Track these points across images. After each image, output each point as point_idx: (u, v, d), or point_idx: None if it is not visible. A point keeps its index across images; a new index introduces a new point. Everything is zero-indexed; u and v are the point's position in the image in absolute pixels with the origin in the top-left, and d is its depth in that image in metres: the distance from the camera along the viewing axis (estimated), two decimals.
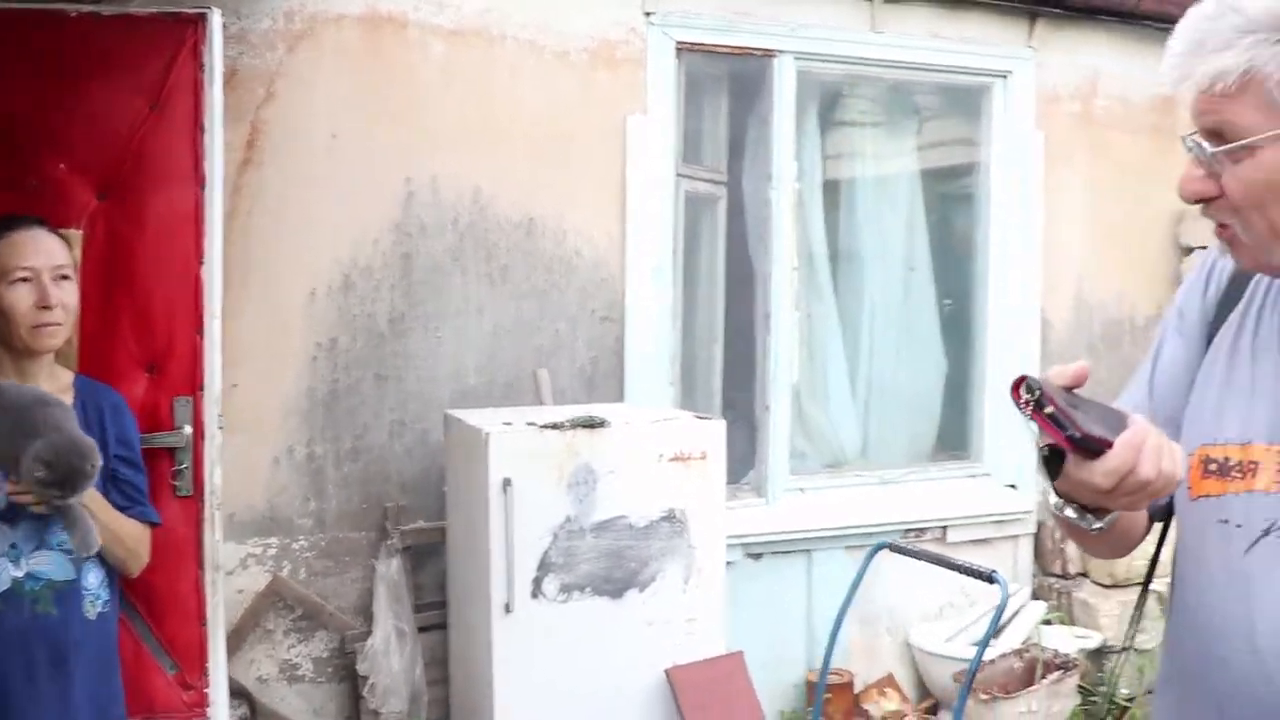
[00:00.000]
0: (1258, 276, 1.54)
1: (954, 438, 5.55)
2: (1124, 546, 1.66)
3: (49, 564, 2.57)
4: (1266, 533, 1.44)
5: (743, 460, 5.03)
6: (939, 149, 5.56)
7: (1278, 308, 1.52)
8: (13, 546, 2.53)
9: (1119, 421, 1.34)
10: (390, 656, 4.16)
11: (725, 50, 4.86)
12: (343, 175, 4.30)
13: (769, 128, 4.95)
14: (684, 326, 4.96)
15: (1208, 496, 1.51)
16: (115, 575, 2.75)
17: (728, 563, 4.18)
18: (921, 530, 5.15)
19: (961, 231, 5.57)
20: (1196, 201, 1.45)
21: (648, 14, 4.67)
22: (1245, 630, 1.44)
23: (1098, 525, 1.41)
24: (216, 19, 3.20)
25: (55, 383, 2.71)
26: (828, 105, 5.30)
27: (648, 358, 4.72)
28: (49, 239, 2.71)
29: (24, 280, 2.62)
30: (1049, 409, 1.29)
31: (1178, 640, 1.59)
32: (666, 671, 3.89)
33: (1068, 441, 1.31)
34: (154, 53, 3.18)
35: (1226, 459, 1.50)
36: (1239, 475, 1.48)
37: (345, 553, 4.35)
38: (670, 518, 3.94)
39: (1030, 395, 1.30)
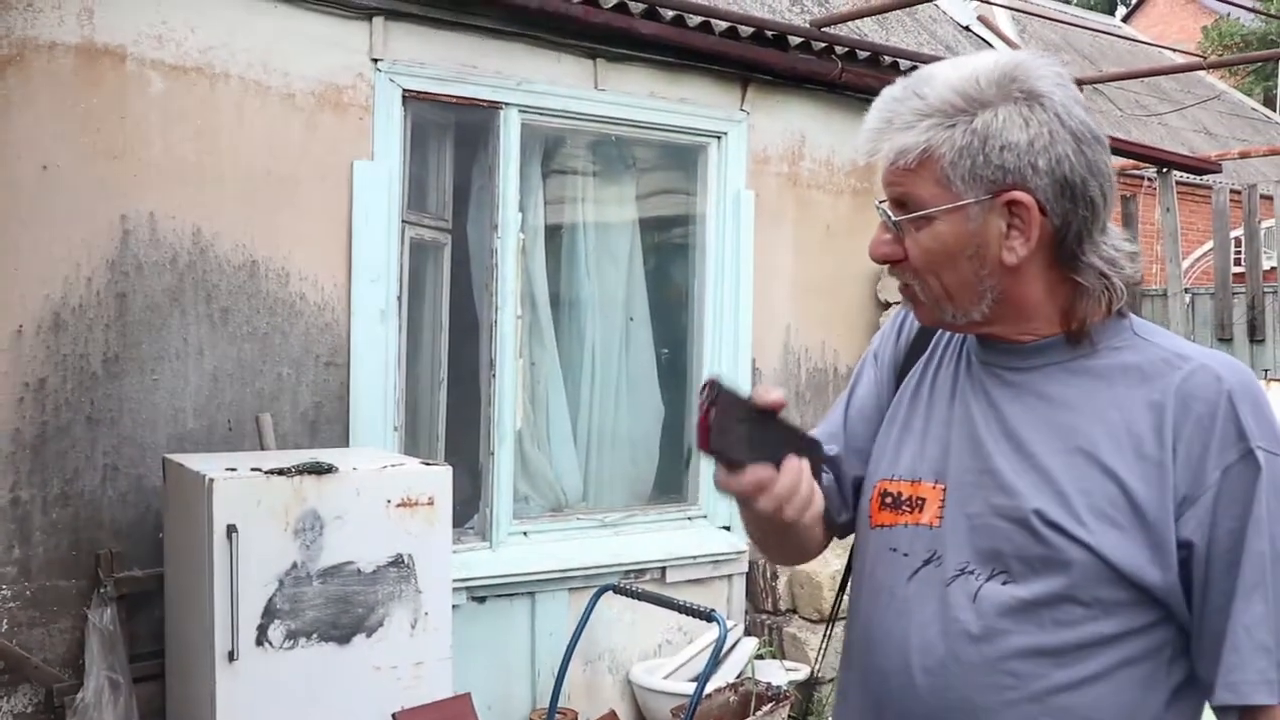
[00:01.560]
0: (940, 331, 1.73)
1: (671, 482, 5.76)
2: (795, 554, 1.85)
3: None
4: (927, 562, 1.61)
5: (467, 504, 5.07)
6: (656, 198, 5.81)
7: (952, 361, 1.70)
8: None
9: (787, 446, 1.50)
10: (104, 709, 3.99)
11: (452, 100, 4.94)
12: (54, 209, 4.14)
13: (494, 177, 5.05)
14: (409, 372, 4.99)
15: (883, 526, 1.68)
16: None
17: (453, 606, 4.21)
18: (642, 571, 5.31)
19: (678, 281, 5.81)
20: (884, 262, 1.62)
21: (375, 60, 4.70)
22: (901, 646, 1.61)
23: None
24: None
25: None
26: (551, 155, 5.45)
27: (373, 403, 4.71)
28: None
29: None
30: (713, 414, 1.42)
31: (849, 651, 1.76)
32: (394, 716, 3.88)
33: (705, 447, 1.44)
34: None
35: (899, 493, 1.66)
36: (909, 509, 1.64)
37: (53, 602, 4.15)
38: (397, 563, 3.95)
39: (709, 396, 1.43)
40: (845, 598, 1.87)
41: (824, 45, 5.73)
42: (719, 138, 5.60)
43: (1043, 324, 1.59)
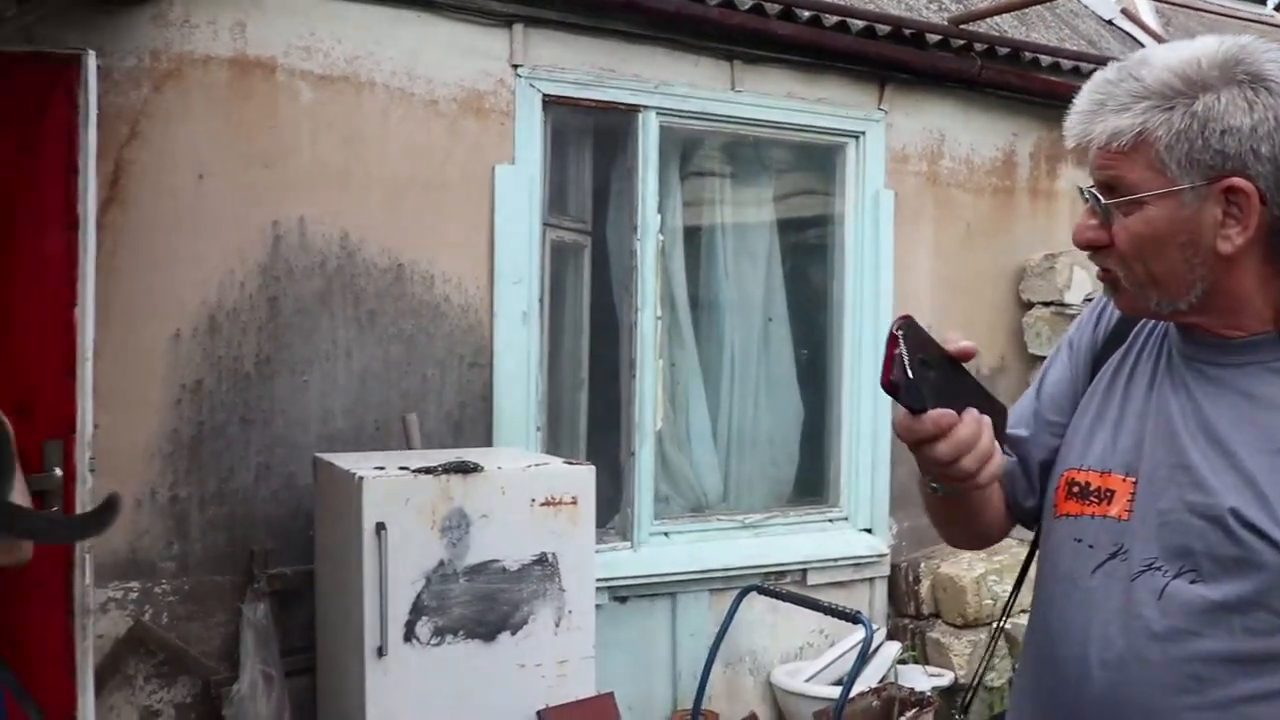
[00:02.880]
0: (1140, 322, 1.68)
1: (812, 484, 5.72)
2: (976, 536, 1.82)
3: None
4: (1113, 555, 1.57)
5: (608, 504, 5.10)
6: (794, 200, 5.77)
7: (1152, 353, 1.65)
8: None
9: (972, 398, 1.46)
10: (257, 701, 4.10)
11: (591, 104, 4.98)
12: (209, 216, 4.27)
13: (633, 180, 5.07)
14: (550, 373, 5.03)
15: (1068, 516, 1.65)
16: None
17: (596, 606, 4.24)
18: (782, 573, 5.28)
19: (817, 282, 5.76)
20: (1088, 248, 1.57)
21: (515, 66, 4.75)
22: (1081, 638, 1.58)
23: (934, 485, 1.56)
24: (91, 61, 3.19)
25: None
26: (689, 157, 5.45)
27: (515, 403, 4.77)
28: None
29: None
30: (900, 351, 1.39)
31: (1029, 639, 1.73)
32: (538, 713, 3.92)
33: (886, 383, 1.41)
34: (26, 94, 3.14)
35: (1088, 484, 1.63)
36: (1096, 500, 1.61)
37: (210, 596, 4.28)
38: (542, 561, 3.99)
39: (900, 332, 1.40)
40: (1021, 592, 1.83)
41: (963, 43, 5.63)
42: (857, 137, 5.55)
43: (1252, 319, 1.53)
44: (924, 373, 1.41)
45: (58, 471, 3.14)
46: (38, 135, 3.14)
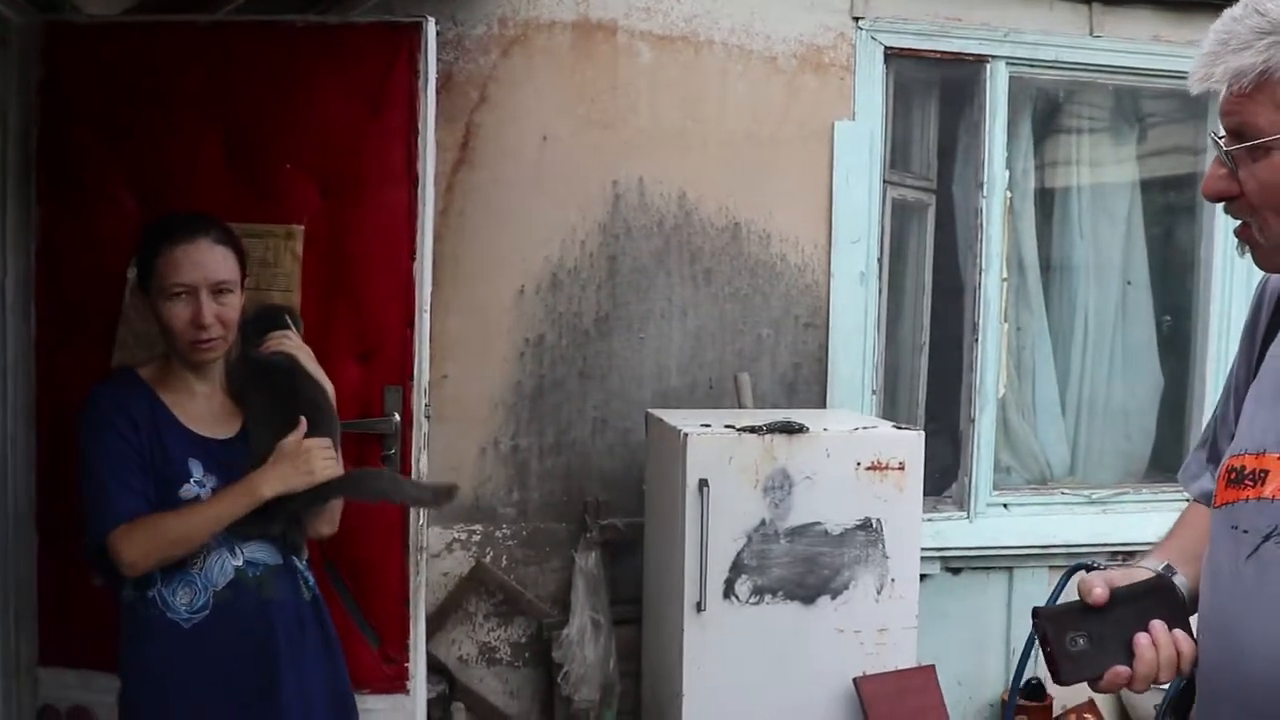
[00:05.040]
0: None
1: (1169, 459, 5.33)
2: None
3: (261, 550, 2.65)
4: (1267, 538, 1.45)
5: (945, 473, 4.96)
6: (1159, 158, 5.37)
7: None
8: (228, 537, 2.60)
9: (1137, 620, 1.52)
10: (585, 646, 4.25)
11: (935, 56, 4.80)
12: (552, 176, 4.41)
13: (980, 135, 4.87)
14: (888, 335, 4.92)
15: (1227, 504, 1.53)
16: (310, 558, 2.85)
17: (925, 576, 4.13)
18: (1130, 553, 4.96)
19: (1182, 245, 5.36)
20: (1218, 199, 1.47)
21: (856, 19, 4.65)
22: (1234, 630, 1.48)
23: None
24: (431, 28, 3.32)
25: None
26: (1041, 111, 5.17)
27: (851, 365, 4.69)
28: (211, 251, 2.60)
29: (180, 295, 2.56)
30: (1050, 649, 1.52)
31: (1199, 634, 1.61)
32: (855, 680, 3.86)
33: (1060, 681, 1.55)
34: (373, 60, 3.31)
35: (1243, 468, 1.52)
36: (1251, 483, 1.50)
37: (545, 543, 4.46)
38: (865, 526, 3.92)
39: (1041, 633, 1.53)
40: None
41: None
42: None
43: None
44: (1080, 649, 1.51)
45: (396, 416, 3.32)
46: (383, 99, 3.31)
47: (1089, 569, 3.80)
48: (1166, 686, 1.62)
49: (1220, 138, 1.45)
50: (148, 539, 2.49)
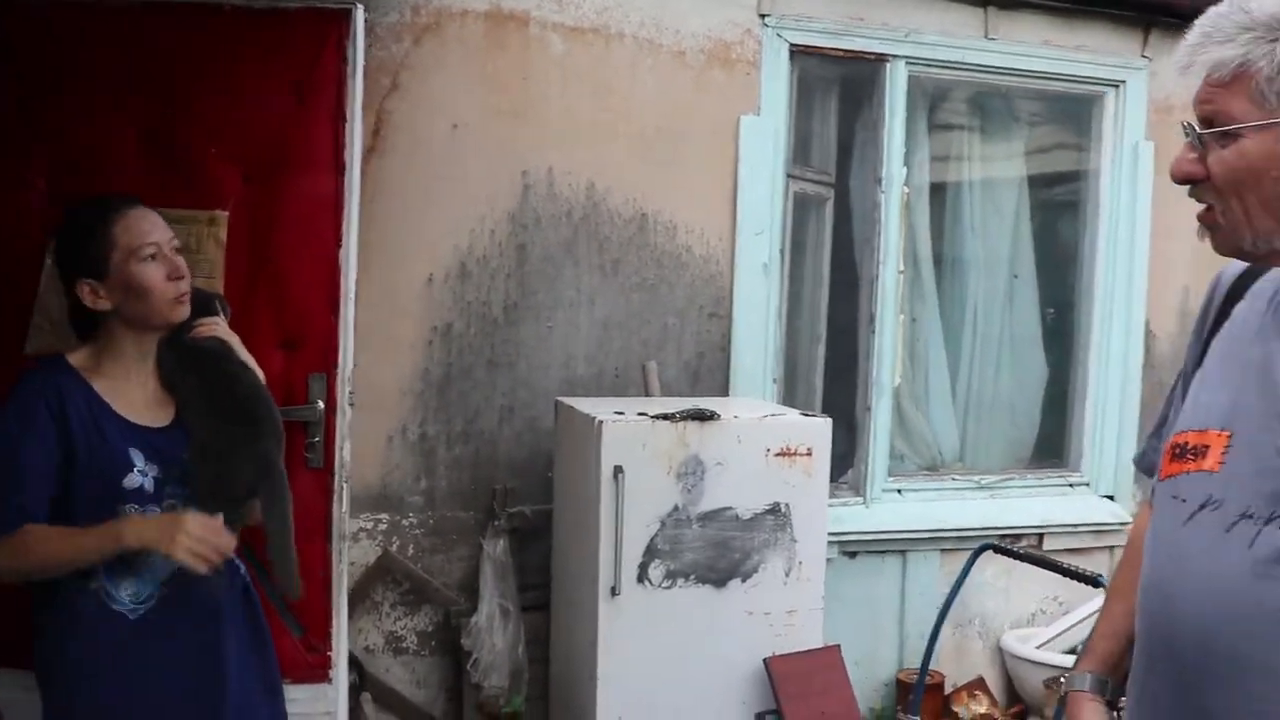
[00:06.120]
0: (1263, 277, 1.67)
1: (1052, 446, 5.57)
2: None
3: None
4: (1203, 507, 1.56)
5: (841, 459, 5.08)
6: (1045, 155, 5.58)
7: (1260, 310, 1.64)
8: None
9: None
10: (494, 633, 4.28)
11: (838, 54, 4.92)
12: (462, 166, 4.41)
13: (879, 131, 5.00)
14: (788, 325, 5.03)
15: (1170, 477, 1.65)
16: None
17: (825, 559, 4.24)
18: (1017, 536, 5.17)
19: (1066, 239, 5.58)
20: (1185, 182, 1.59)
21: (763, 16, 4.74)
22: (1169, 591, 1.59)
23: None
24: (359, 15, 3.32)
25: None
26: (936, 109, 5.34)
27: (753, 354, 4.79)
28: (154, 214, 2.63)
29: (152, 256, 2.55)
30: None
31: (1139, 599, 1.72)
32: (765, 661, 3.96)
33: None
34: (301, 45, 3.30)
35: (1186, 443, 1.63)
36: (1193, 457, 1.61)
37: (453, 531, 4.47)
38: (774, 511, 4.02)
39: None
40: None
41: None
42: (1117, 87, 5.32)
43: None
44: None
45: (320, 404, 3.32)
46: (310, 85, 3.30)
47: (996, 550, 3.93)
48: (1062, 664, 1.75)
49: (1189, 124, 1.56)
50: (13, 555, 2.44)
